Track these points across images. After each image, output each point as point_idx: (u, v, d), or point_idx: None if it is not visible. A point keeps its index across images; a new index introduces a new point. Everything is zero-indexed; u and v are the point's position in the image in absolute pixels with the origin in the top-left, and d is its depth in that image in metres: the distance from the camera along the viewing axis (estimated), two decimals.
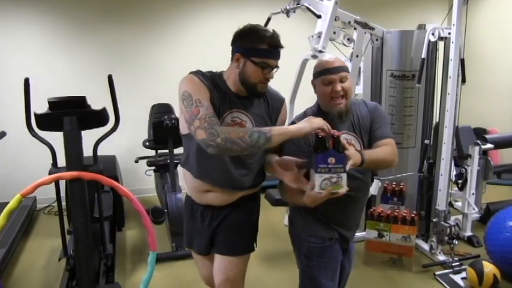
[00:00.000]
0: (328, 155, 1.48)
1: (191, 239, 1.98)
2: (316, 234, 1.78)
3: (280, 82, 2.21)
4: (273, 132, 1.54)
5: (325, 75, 1.66)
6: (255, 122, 1.74)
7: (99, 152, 2.83)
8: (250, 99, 1.75)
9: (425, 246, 3.37)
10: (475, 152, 3.50)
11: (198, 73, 1.70)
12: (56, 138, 2.61)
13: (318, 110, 1.76)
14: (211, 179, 1.78)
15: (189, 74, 1.71)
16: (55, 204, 4.30)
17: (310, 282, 1.81)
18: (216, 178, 1.78)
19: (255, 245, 1.94)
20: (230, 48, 1.71)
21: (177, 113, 3.99)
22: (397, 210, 3.23)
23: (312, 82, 1.75)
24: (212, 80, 1.70)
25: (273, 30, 1.67)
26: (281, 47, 1.67)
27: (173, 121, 3.44)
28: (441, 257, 3.21)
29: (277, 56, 1.67)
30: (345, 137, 1.70)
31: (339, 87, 1.64)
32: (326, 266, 1.79)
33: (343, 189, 1.50)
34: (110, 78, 2.82)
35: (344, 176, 1.49)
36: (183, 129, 1.73)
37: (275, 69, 1.70)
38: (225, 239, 1.87)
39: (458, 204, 3.95)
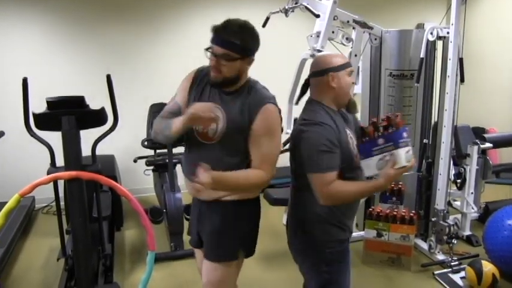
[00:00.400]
0: (402, 130, 1.60)
1: (190, 229, 2.02)
2: (333, 238, 1.77)
3: (279, 81, 2.22)
4: (173, 123, 1.68)
5: (350, 66, 1.76)
6: (227, 119, 1.69)
7: (98, 152, 2.83)
8: (233, 95, 1.72)
9: (424, 246, 3.37)
10: (474, 151, 3.50)
11: (200, 68, 1.80)
12: (55, 137, 2.60)
13: (326, 107, 1.73)
14: (187, 171, 1.83)
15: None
16: (53, 204, 4.28)
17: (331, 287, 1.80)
18: (189, 171, 1.79)
19: (240, 253, 1.85)
20: None
21: None
22: (396, 210, 3.23)
23: (330, 75, 1.69)
24: (206, 73, 1.74)
25: (228, 21, 1.64)
26: (223, 33, 1.61)
27: None
28: (440, 257, 3.21)
29: (218, 42, 1.62)
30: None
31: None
32: (346, 268, 1.82)
33: (413, 160, 1.63)
34: (108, 77, 2.82)
35: (411, 147, 1.63)
36: None
37: (227, 63, 1.62)
38: (206, 242, 1.87)
39: (457, 203, 3.95)
